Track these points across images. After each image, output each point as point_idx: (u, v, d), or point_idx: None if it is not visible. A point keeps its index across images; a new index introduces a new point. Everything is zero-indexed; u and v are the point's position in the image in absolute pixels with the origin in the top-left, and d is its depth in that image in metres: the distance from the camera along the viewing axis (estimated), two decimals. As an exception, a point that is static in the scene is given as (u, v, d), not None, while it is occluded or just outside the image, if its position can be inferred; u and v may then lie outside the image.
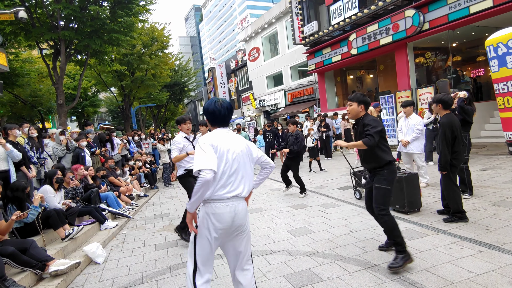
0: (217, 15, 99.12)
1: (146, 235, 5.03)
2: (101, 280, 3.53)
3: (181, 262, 3.75)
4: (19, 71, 14.52)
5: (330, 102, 16.09)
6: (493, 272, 2.75)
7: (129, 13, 11.53)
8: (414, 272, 2.89)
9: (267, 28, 22.04)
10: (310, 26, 14.83)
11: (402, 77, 11.62)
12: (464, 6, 8.93)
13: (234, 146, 2.13)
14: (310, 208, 5.48)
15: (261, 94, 24.27)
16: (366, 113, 3.17)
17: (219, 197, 2.06)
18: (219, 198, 2.06)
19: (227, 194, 2.07)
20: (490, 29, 9.23)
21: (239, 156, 2.14)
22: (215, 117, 2.18)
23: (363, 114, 3.16)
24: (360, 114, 3.17)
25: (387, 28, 10.98)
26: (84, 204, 5.49)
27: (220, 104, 2.18)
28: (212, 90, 37.57)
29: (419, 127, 5.63)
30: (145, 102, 25.49)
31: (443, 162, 3.90)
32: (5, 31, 10.03)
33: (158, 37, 21.32)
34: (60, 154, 6.50)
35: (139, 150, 10.50)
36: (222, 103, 2.19)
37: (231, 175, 2.09)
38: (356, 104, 3.15)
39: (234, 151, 2.11)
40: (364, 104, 3.14)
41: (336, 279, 2.93)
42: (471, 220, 3.96)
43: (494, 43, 6.86)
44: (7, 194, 3.94)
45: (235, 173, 2.10)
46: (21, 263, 3.22)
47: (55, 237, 4.37)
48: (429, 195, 5.29)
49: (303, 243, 3.90)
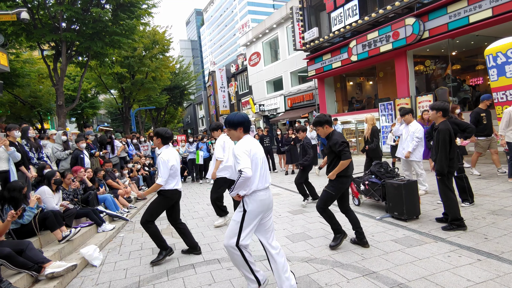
0: (218, 19, 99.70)
1: (143, 238, 5.00)
2: (98, 283, 3.50)
3: (178, 266, 3.72)
4: (20, 71, 14.54)
5: (330, 108, 16.14)
6: (491, 281, 2.74)
7: (131, 16, 11.60)
8: (412, 280, 2.88)
9: (268, 33, 22.16)
10: (311, 32, 14.93)
11: (401, 84, 11.68)
12: (464, 16, 9.01)
13: (260, 150, 2.80)
14: (308, 214, 5.47)
15: (261, 98, 24.33)
16: (333, 130, 3.77)
17: (261, 188, 2.71)
18: (261, 188, 2.72)
19: (266, 184, 2.76)
20: (489, 39, 9.30)
21: (263, 156, 2.82)
22: (247, 126, 2.82)
23: (330, 131, 3.75)
24: (327, 132, 3.76)
25: (387, 35, 11.06)
26: (82, 206, 5.47)
27: (245, 115, 2.87)
28: (212, 94, 37.62)
29: (418, 134, 5.64)
30: (145, 104, 25.52)
31: (441, 166, 3.94)
32: (7, 32, 10.07)
33: (159, 40, 21.42)
34: (62, 157, 6.48)
35: (137, 152, 10.48)
36: (245, 114, 2.88)
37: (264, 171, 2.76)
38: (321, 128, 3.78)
39: (261, 153, 2.79)
40: (327, 123, 3.74)
41: (335, 286, 2.92)
42: (470, 229, 3.96)
43: (494, 53, 6.92)
44: (4, 195, 3.91)
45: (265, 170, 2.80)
46: (17, 265, 3.19)
47: (52, 239, 4.34)
48: (427, 203, 5.29)
49: (301, 249, 3.88)
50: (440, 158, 3.95)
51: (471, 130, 4.89)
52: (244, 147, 2.66)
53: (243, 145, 2.68)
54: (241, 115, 2.82)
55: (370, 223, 4.64)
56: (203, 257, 3.95)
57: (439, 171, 3.99)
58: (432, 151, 4.25)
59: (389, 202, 4.74)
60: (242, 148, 2.65)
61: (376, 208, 5.37)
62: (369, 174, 5.47)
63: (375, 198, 5.19)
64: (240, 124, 2.77)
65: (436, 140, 4.03)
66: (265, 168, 2.78)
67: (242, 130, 2.80)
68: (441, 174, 3.99)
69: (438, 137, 3.99)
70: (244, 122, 2.78)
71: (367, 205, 5.59)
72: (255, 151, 2.70)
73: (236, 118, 2.77)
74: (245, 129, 2.80)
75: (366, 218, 4.87)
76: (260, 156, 2.75)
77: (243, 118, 2.79)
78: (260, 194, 2.69)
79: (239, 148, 2.67)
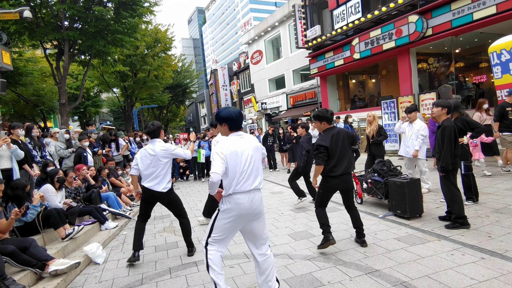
0: (220, 17, 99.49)
1: (146, 236, 5.00)
2: (101, 280, 3.52)
3: (181, 264, 3.73)
4: (23, 70, 14.58)
5: (332, 106, 16.08)
6: (495, 279, 2.73)
7: (133, 14, 11.59)
8: (415, 278, 2.87)
9: (270, 31, 22.09)
10: (313, 30, 14.87)
11: (404, 82, 11.62)
12: (468, 13, 8.94)
13: (245, 150, 2.53)
14: (311, 212, 5.47)
15: (263, 97, 24.29)
16: (327, 129, 3.73)
17: (240, 190, 2.49)
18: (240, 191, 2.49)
19: (248, 187, 2.50)
20: (493, 36, 9.22)
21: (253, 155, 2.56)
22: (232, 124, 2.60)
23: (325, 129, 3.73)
24: (323, 128, 3.75)
25: (390, 33, 11.00)
26: (85, 204, 5.49)
27: (233, 110, 2.62)
28: (214, 92, 37.62)
29: (423, 132, 5.61)
30: (147, 103, 25.56)
31: (446, 163, 3.92)
32: (9, 30, 10.08)
33: (161, 39, 21.42)
34: (65, 155, 6.50)
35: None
36: (235, 109, 2.63)
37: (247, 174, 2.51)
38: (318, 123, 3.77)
39: (246, 153, 2.52)
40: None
41: (337, 284, 2.91)
42: (473, 227, 3.94)
43: (498, 50, 6.87)
44: (7, 193, 3.93)
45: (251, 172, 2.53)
46: (21, 262, 3.21)
47: (55, 237, 4.36)
48: (431, 201, 5.27)
49: (303, 247, 3.88)
50: (445, 155, 3.93)
51: (479, 130, 4.74)
52: (220, 148, 2.48)
53: (220, 145, 2.51)
54: (229, 110, 2.60)
55: (372, 221, 4.63)
56: (205, 255, 3.96)
57: (443, 168, 3.97)
58: (435, 148, 4.23)
59: (392, 200, 4.72)
60: (217, 149, 2.49)
61: (379, 206, 5.36)
62: (371, 172, 5.45)
63: (378, 196, 5.18)
64: (224, 120, 2.59)
65: (441, 137, 4.01)
66: (251, 171, 2.52)
67: (227, 127, 2.60)
68: (446, 171, 3.97)
69: (443, 133, 3.97)
70: (228, 118, 2.57)
71: (370, 204, 5.58)
72: (236, 151, 2.48)
73: (222, 113, 2.59)
74: (230, 126, 2.59)
75: (368, 217, 4.86)
76: (244, 157, 2.50)
77: (229, 114, 2.57)
78: (237, 197, 2.48)
79: (215, 149, 2.53)
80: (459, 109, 4.88)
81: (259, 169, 2.60)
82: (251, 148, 2.56)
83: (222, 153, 2.45)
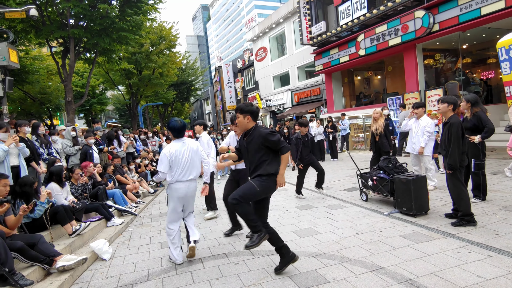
0: (224, 14, 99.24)
1: (152, 233, 5.06)
2: (108, 276, 3.56)
3: (186, 260, 3.76)
4: (29, 68, 14.72)
5: (337, 102, 16.01)
6: (502, 277, 2.70)
7: (138, 11, 11.62)
8: (421, 276, 2.85)
9: (274, 28, 21.99)
10: (318, 26, 14.76)
11: (410, 78, 11.51)
12: (476, 8, 8.80)
13: (184, 151, 3.57)
14: (316, 209, 5.46)
15: (268, 94, 24.24)
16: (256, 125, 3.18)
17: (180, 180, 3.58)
18: (180, 180, 3.58)
19: (187, 177, 3.60)
20: (501, 31, 9.07)
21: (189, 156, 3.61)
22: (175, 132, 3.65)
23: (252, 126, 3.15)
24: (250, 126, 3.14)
25: (396, 29, 10.88)
26: (91, 200, 5.54)
27: (178, 122, 3.63)
28: (219, 89, 37.64)
29: (429, 129, 5.57)
30: (152, 100, 25.66)
31: (454, 160, 3.86)
32: (16, 29, 10.17)
33: (166, 36, 21.44)
34: (72, 152, 6.55)
35: (145, 148, 10.56)
36: (180, 121, 3.64)
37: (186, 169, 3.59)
38: (242, 116, 3.11)
39: (185, 154, 3.57)
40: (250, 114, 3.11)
41: (342, 281, 2.91)
42: (480, 225, 3.91)
43: (506, 45, 6.75)
44: (15, 189, 3.99)
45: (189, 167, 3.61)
46: (29, 258, 3.26)
47: (62, 233, 4.42)
48: (437, 198, 5.23)
49: (308, 244, 3.88)
50: (452, 153, 3.88)
51: (488, 130, 4.55)
52: (166, 151, 3.54)
53: (167, 148, 3.56)
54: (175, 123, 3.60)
55: (378, 218, 4.62)
56: (210, 251, 3.98)
57: (451, 166, 3.91)
58: (441, 145, 4.17)
59: (398, 198, 4.69)
60: (165, 151, 3.54)
61: (384, 203, 5.33)
62: (377, 169, 5.42)
63: (383, 193, 5.15)
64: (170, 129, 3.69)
65: (448, 134, 3.95)
66: (189, 167, 3.57)
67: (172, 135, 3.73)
68: (453, 168, 3.91)
69: (450, 130, 3.92)
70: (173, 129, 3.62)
71: (375, 201, 5.55)
72: (177, 153, 3.51)
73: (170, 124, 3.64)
74: (174, 135, 3.66)
75: (374, 214, 4.84)
76: (184, 156, 3.54)
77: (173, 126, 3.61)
78: (177, 184, 3.56)
79: (163, 150, 3.60)
80: (478, 104, 4.74)
81: (195, 166, 3.64)
82: (189, 151, 3.60)
83: (168, 155, 3.50)
